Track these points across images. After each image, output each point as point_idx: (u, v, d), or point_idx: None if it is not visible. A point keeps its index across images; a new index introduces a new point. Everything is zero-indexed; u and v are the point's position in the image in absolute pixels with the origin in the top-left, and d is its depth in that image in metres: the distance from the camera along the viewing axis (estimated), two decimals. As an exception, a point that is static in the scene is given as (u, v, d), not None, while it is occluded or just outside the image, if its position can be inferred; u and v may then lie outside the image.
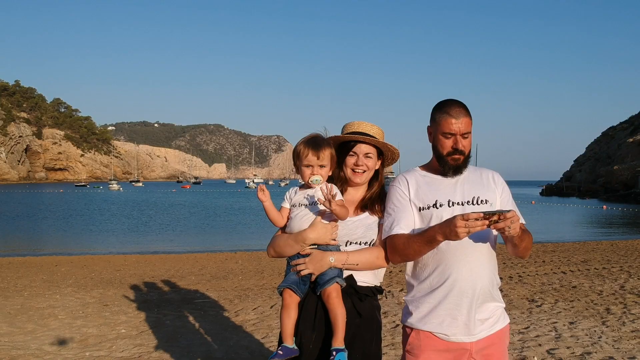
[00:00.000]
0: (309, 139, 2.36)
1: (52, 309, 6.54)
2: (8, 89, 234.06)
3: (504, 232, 1.97)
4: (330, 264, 2.21)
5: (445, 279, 2.14)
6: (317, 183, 2.30)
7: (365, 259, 2.26)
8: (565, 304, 6.85)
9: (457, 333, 2.14)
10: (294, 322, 2.28)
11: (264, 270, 10.11)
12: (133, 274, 9.74)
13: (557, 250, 14.79)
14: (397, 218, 2.21)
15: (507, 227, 1.93)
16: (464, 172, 2.25)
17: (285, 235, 2.38)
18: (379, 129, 2.45)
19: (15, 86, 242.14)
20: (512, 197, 2.40)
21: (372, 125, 2.44)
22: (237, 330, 5.59)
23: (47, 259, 12.95)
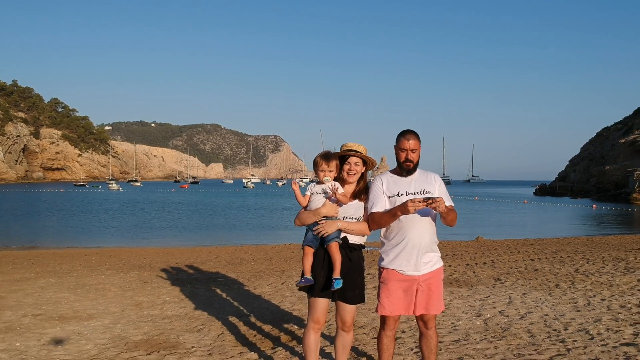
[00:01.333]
0: (323, 154, 3.80)
1: (103, 284, 7.98)
2: (5, 89, 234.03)
3: (435, 209, 3.41)
4: (338, 227, 3.65)
5: (403, 238, 3.59)
6: (327, 181, 3.74)
7: (357, 228, 3.70)
8: (524, 281, 8.32)
9: (410, 270, 3.58)
10: (310, 264, 3.71)
11: (272, 258, 11.56)
12: (158, 261, 11.18)
13: (535, 244, 16.30)
14: (375, 202, 3.65)
15: (437, 206, 3.37)
16: (415, 174, 3.70)
17: (307, 211, 3.80)
18: (364, 147, 3.89)
19: (12, 86, 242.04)
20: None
21: (359, 144, 3.88)
22: (257, 298, 7.05)
23: (73, 251, 14.37)
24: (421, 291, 3.61)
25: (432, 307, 3.64)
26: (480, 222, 30.87)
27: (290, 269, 9.62)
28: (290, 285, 7.86)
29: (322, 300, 3.69)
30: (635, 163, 70.84)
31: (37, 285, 7.91)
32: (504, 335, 5.30)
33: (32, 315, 5.98)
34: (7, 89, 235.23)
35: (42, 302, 6.73)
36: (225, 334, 5.30)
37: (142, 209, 44.48)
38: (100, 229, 25.98)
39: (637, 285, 7.89)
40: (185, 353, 4.66)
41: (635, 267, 9.71)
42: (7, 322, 5.72)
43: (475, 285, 8.05)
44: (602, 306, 6.54)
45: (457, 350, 4.82)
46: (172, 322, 5.74)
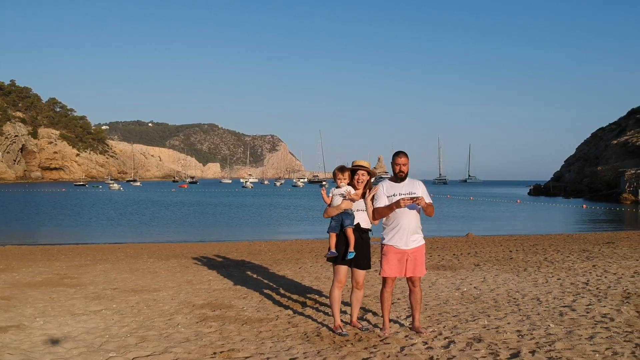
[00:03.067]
0: (340, 167, 5.54)
1: (153, 268, 9.70)
2: (3, 89, 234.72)
3: (418, 204, 5.14)
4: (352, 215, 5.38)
5: (398, 224, 5.31)
6: (343, 186, 5.46)
7: (365, 216, 5.44)
8: (498, 267, 10.07)
9: (402, 245, 5.31)
10: (334, 242, 5.43)
11: (286, 250, 13.30)
12: (187, 252, 12.91)
13: (518, 239, 18.04)
14: (378, 200, 5.37)
15: (419, 202, 5.11)
16: (405, 180, 5.42)
17: (331, 207, 5.51)
18: (368, 163, 5.63)
19: (10, 85, 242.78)
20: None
21: (365, 161, 5.62)
22: (282, 277, 8.78)
23: (105, 247, 16.07)
24: (410, 260, 5.34)
25: (417, 271, 5.38)
26: (473, 221, 32.65)
27: (304, 258, 11.36)
28: (307, 269, 9.60)
29: (343, 267, 5.43)
30: (626, 164, 72.72)
31: (99, 270, 9.61)
32: (475, 301, 7.04)
33: (111, 289, 7.70)
34: (5, 88, 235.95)
35: (112, 280, 8.44)
36: (264, 300, 7.03)
37: (148, 208, 46.12)
38: (116, 228, 27.66)
39: (590, 270, 9.65)
40: (241, 310, 6.39)
41: (596, 256, 11.48)
42: (94, 293, 7.43)
43: (458, 269, 9.79)
44: (556, 284, 8.29)
45: (438, 309, 6.56)
46: (221, 292, 7.46)
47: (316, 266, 10.14)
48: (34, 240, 20.91)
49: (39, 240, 21.11)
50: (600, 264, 10.26)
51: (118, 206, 48.42)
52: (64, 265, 10.29)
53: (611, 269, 9.70)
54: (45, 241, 20.64)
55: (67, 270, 9.49)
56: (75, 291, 7.54)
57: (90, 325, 5.67)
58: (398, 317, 6.14)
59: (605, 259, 11.00)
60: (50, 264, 10.48)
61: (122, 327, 5.57)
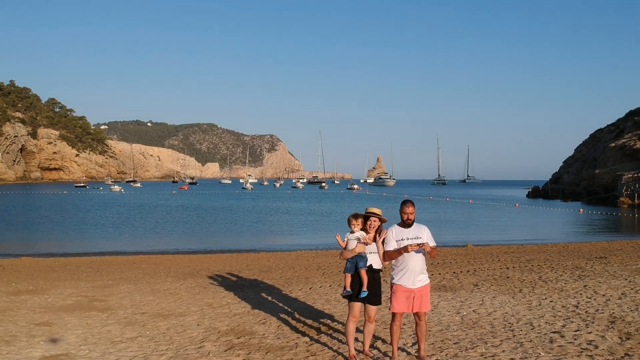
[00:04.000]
0: (354, 215, 6.22)
1: (173, 290, 10.39)
2: (3, 89, 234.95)
3: (424, 250, 5.83)
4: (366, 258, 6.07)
5: (406, 266, 6.01)
6: (357, 231, 6.15)
7: (377, 258, 6.13)
8: (496, 287, 10.77)
9: (409, 284, 6.00)
10: (350, 282, 6.12)
11: (294, 266, 13.99)
12: (200, 269, 13.60)
13: (516, 251, 18.77)
14: (388, 244, 6.06)
15: (424, 249, 5.80)
16: (412, 226, 6.10)
17: (346, 250, 6.20)
18: (380, 210, 6.30)
19: (10, 86, 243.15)
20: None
21: (377, 209, 6.30)
22: (295, 300, 9.47)
23: (119, 259, 16.76)
24: (416, 298, 6.03)
25: (423, 307, 6.08)
26: (472, 228, 33.36)
27: (313, 277, 12.06)
28: (317, 291, 10.30)
29: (357, 304, 6.13)
30: (624, 167, 73.46)
31: (123, 291, 10.30)
32: (474, 326, 7.74)
33: (140, 314, 8.39)
34: (5, 89, 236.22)
35: (138, 304, 9.13)
36: (282, 325, 7.72)
37: (150, 213, 46.80)
38: (122, 236, 28.35)
39: (581, 290, 10.35)
40: (262, 337, 7.09)
41: (587, 275, 12.19)
42: (125, 318, 8.11)
43: (458, 290, 10.49)
44: (549, 307, 9.00)
45: (440, 335, 7.26)
46: (241, 317, 8.15)
47: (325, 286, 10.83)
48: (47, 250, 21.60)
49: (52, 250, 21.81)
50: (590, 284, 10.97)
51: (121, 210, 49.10)
52: (88, 285, 10.97)
53: (600, 289, 10.40)
54: (58, 251, 21.35)
55: (94, 292, 10.17)
56: (107, 316, 8.22)
57: (131, 353, 6.36)
58: (405, 344, 6.84)
59: (596, 278, 11.71)
60: (75, 284, 11.17)
61: (160, 356, 6.25)
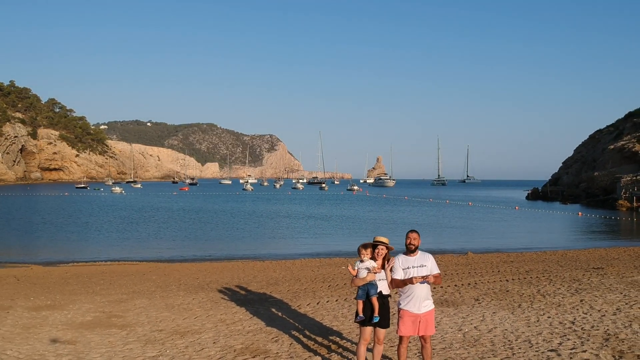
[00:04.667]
0: (363, 245, 6.65)
1: (186, 305, 10.82)
2: (3, 89, 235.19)
3: (428, 281, 6.28)
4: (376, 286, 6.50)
5: (412, 293, 6.44)
6: (366, 260, 6.58)
7: (385, 284, 6.56)
8: (496, 302, 11.21)
9: (415, 310, 6.43)
10: (362, 308, 6.55)
11: (300, 278, 14.42)
12: (209, 281, 14.03)
13: (515, 260, 19.21)
14: (395, 272, 6.50)
15: (428, 280, 6.24)
16: (417, 254, 6.54)
17: (357, 279, 6.63)
18: (387, 239, 6.74)
19: (10, 86, 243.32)
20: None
21: (384, 237, 6.74)
22: (304, 316, 9.90)
23: (128, 268, 17.19)
24: (422, 322, 6.47)
25: (428, 330, 6.51)
26: (472, 234, 33.80)
27: (319, 290, 12.49)
28: (325, 306, 10.73)
29: (368, 328, 6.57)
30: (622, 169, 73.88)
31: (138, 306, 10.73)
32: (475, 344, 8.17)
33: (158, 331, 8.82)
34: (5, 89, 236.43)
35: (154, 320, 9.56)
36: (294, 344, 8.15)
37: (152, 215, 47.22)
38: (127, 241, 28.78)
39: (578, 305, 10.78)
40: (276, 356, 7.51)
41: (584, 288, 12.62)
42: (144, 336, 8.54)
43: (459, 305, 10.92)
44: (546, 323, 9.43)
45: (443, 354, 7.69)
46: (255, 335, 8.58)
47: (332, 301, 11.26)
48: (55, 258, 22.02)
49: (59, 257, 22.23)
50: (587, 298, 11.40)
51: (123, 214, 49.49)
52: (104, 300, 11.40)
53: (596, 304, 10.84)
54: (66, 258, 21.79)
55: (110, 307, 10.60)
56: (127, 333, 8.65)
57: (154, 373, 6.78)
58: (410, 363, 7.27)
59: (592, 292, 12.15)
60: (91, 298, 11.59)
61: (182, 376, 6.68)
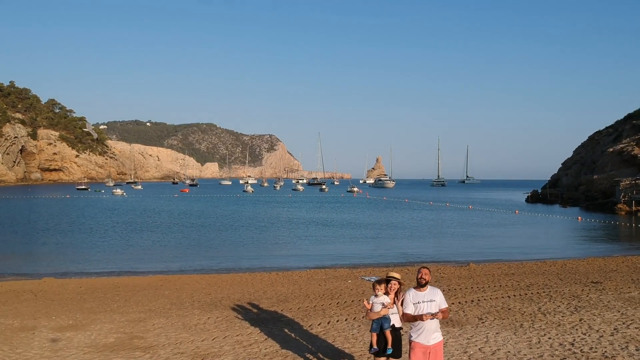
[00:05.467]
0: (378, 280, 7.15)
1: (202, 325, 11.30)
2: (3, 90, 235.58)
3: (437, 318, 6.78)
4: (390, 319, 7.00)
5: (422, 327, 6.94)
6: (380, 295, 7.07)
7: (397, 317, 7.06)
8: (498, 321, 11.70)
9: (425, 342, 6.93)
10: (376, 340, 7.04)
11: (309, 295, 14.91)
12: (221, 297, 14.52)
13: (516, 272, 19.71)
14: (406, 306, 6.99)
15: (437, 317, 6.75)
16: (427, 289, 7.03)
17: (372, 312, 7.12)
18: (399, 274, 7.23)
19: (10, 87, 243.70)
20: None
21: (397, 273, 7.23)
22: (316, 338, 10.40)
23: (140, 281, 17.69)
24: (432, 353, 6.96)
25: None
26: (473, 240, 34.30)
27: (329, 309, 12.98)
28: (335, 326, 11.23)
29: (382, 359, 7.05)
30: (621, 173, 74.39)
31: (157, 326, 11.21)
32: (480, 368, 8.67)
33: (179, 354, 9.30)
34: (5, 90, 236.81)
35: (174, 342, 10.04)
36: (309, 367, 8.64)
37: (156, 221, 47.70)
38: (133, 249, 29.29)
39: (577, 325, 11.29)
40: (294, 382, 8.00)
41: (583, 306, 13.12)
42: (168, 359, 9.03)
43: (464, 325, 11.42)
44: (547, 344, 9.93)
45: (451, 379, 8.18)
46: (271, 358, 9.07)
47: (342, 321, 11.75)
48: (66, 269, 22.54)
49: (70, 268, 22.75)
50: (586, 317, 11.91)
51: (126, 218, 49.98)
52: (123, 319, 11.88)
53: (595, 324, 11.34)
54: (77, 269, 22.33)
55: (131, 328, 11.08)
56: (150, 356, 9.14)
57: (182, 399, 7.26)
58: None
59: (591, 310, 12.65)
60: (110, 317, 12.08)
61: (209, 403, 7.16)
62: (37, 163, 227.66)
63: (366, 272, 20.35)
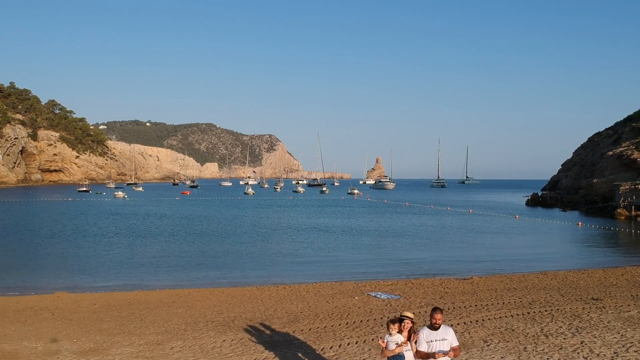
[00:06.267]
0: (392, 320, 7.62)
1: (219, 348, 11.76)
2: (3, 91, 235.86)
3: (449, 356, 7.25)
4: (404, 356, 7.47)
5: (436, 363, 7.42)
6: (394, 334, 7.54)
7: (410, 355, 7.53)
8: (503, 344, 12.17)
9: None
10: (392, 375, 7.53)
11: (318, 314, 15.36)
12: (233, 316, 14.98)
13: (518, 287, 20.18)
14: (420, 344, 7.46)
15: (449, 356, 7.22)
16: (440, 329, 7.50)
17: (386, 350, 7.58)
18: (413, 314, 7.70)
19: (10, 88, 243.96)
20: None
21: (410, 312, 7.70)
22: (329, 362, 10.86)
23: (152, 297, 18.15)
24: (444, 382, 7.44)
25: (449, 389, 7.50)
26: (474, 249, 34.77)
27: (339, 330, 13.45)
28: (346, 349, 11.70)
29: (398, 390, 7.54)
30: (621, 177, 74.94)
31: (175, 350, 11.66)
32: (487, 396, 9.13)
33: (200, 381, 9.76)
34: (5, 90, 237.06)
35: (194, 368, 10.50)
36: (325, 396, 9.10)
37: (159, 227, 48.11)
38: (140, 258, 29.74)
39: (579, 348, 11.75)
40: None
41: (584, 327, 13.59)
42: (189, 386, 9.49)
43: (470, 348, 11.88)
44: (550, 370, 10.39)
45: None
46: (288, 386, 9.53)
47: (352, 344, 12.20)
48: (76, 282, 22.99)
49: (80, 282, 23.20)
50: (587, 340, 12.37)
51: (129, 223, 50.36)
52: (142, 341, 12.33)
53: (595, 346, 11.81)
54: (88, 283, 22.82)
55: (150, 351, 11.53)
56: (173, 384, 9.60)
57: None
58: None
59: (592, 331, 13.12)
60: (129, 339, 12.52)
61: None
62: (38, 164, 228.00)
63: (371, 286, 20.84)
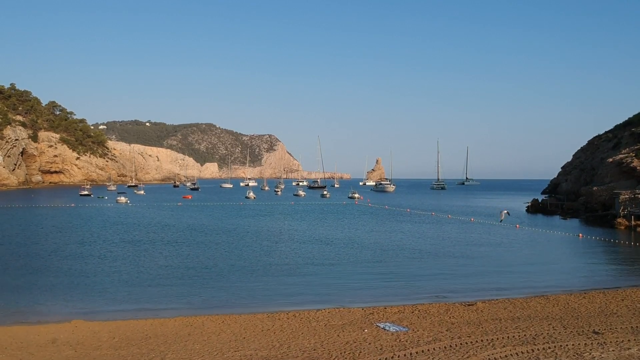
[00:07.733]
0: None
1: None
2: (3, 92, 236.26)
3: None
4: None
5: None
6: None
7: None
8: (510, 389, 12.76)
9: None
10: None
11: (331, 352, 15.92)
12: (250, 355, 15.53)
13: (522, 316, 20.75)
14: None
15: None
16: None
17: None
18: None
19: (10, 89, 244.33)
20: None
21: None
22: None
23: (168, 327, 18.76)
24: None
25: None
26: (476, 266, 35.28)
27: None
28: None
29: None
30: (621, 185, 75.46)
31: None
32: None
33: None
34: (5, 92, 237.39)
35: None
36: None
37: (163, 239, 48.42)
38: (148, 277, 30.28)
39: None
40: None
41: (586, 367, 14.20)
42: None
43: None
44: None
45: None
46: None
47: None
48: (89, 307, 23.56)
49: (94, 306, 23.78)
50: (590, 384, 12.99)
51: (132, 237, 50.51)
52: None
53: (598, 392, 12.42)
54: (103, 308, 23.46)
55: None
56: None
57: None
58: None
59: (594, 374, 13.74)
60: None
61: None
62: (38, 165, 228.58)
63: (379, 314, 21.42)
